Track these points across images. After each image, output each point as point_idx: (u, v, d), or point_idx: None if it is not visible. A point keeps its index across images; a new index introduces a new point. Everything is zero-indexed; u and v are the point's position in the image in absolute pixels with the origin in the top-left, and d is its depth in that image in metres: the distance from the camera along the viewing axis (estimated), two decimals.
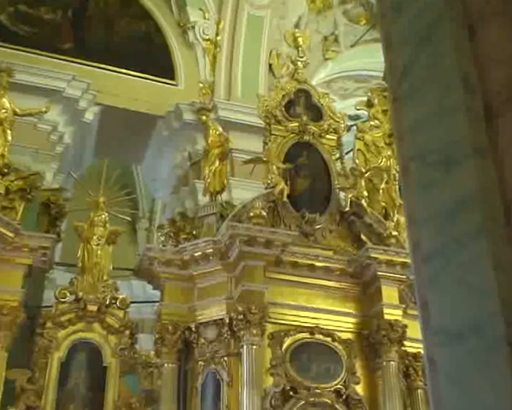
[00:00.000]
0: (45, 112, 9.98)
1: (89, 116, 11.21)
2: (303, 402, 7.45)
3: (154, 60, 12.18)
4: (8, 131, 8.83)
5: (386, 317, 7.90)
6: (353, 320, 8.14)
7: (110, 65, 11.67)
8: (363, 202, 8.67)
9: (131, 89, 11.56)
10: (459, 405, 2.06)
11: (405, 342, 8.01)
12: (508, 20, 2.18)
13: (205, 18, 12.46)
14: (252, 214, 7.94)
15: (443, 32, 2.26)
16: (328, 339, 7.93)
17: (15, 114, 9.03)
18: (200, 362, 7.78)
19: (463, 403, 2.04)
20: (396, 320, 7.92)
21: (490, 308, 1.97)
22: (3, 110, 8.89)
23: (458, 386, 2.06)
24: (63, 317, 8.12)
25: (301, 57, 9.72)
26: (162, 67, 12.15)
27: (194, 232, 8.46)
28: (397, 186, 9.10)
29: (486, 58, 2.18)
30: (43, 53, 11.17)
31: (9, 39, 10.95)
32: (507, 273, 1.98)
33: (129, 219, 14.63)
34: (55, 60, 11.18)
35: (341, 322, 8.09)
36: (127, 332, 8.25)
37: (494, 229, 2.03)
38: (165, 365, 7.86)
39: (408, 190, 2.40)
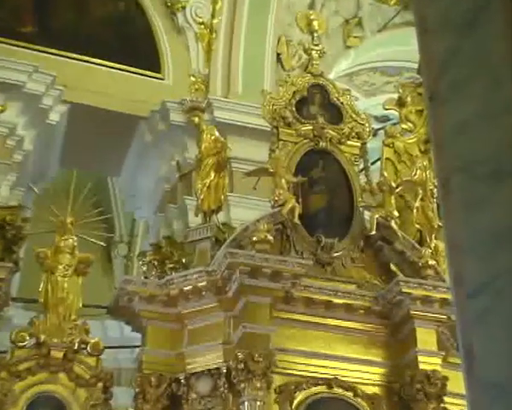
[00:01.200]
0: (1, 111, 10.03)
1: (54, 117, 11.25)
2: None
3: (135, 47, 12.24)
4: None
5: (422, 366, 7.89)
6: (380, 371, 8.14)
7: (80, 54, 11.72)
8: (394, 223, 8.67)
9: (107, 83, 11.61)
10: None
11: (446, 398, 7.99)
12: None
13: None
14: (255, 239, 7.94)
15: (492, 15, 2.26)
16: (350, 394, 7.92)
17: None
18: None
19: None
20: (434, 371, 7.90)
21: None
22: None
23: None
24: (21, 365, 8.11)
25: (316, 45, 9.75)
26: (145, 56, 12.21)
27: (183, 261, 8.46)
28: (435, 204, 9.10)
29: None
30: None
31: None
32: None
33: (103, 244, 14.63)
34: (12, 47, 11.23)
35: (366, 373, 8.09)
36: (100, 385, 8.23)
37: None
38: None
39: (449, 209, 2.40)
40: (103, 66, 11.79)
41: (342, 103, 9.36)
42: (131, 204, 13.98)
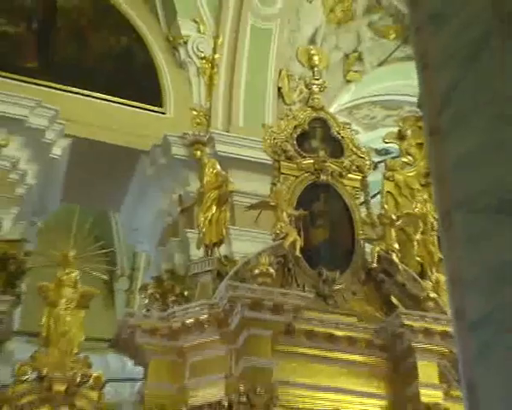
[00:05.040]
0: (3, 146, 10.06)
1: (57, 151, 11.27)
2: None
3: (137, 82, 12.29)
4: None
5: (424, 399, 7.85)
6: (382, 403, 8.10)
7: (83, 88, 11.76)
8: (395, 256, 8.67)
9: (109, 118, 11.65)
10: None
11: None
12: None
13: (200, 31, 12.58)
14: (257, 272, 7.94)
15: (493, 48, 2.28)
16: None
17: None
18: None
19: None
20: (436, 404, 7.87)
21: None
22: None
23: None
24: (23, 399, 8.08)
25: (317, 79, 9.80)
26: (147, 90, 12.25)
27: (185, 294, 8.45)
28: (435, 237, 9.11)
29: None
30: (1, 74, 11.28)
31: None
32: None
33: (105, 277, 14.63)
34: (15, 82, 11.28)
35: (368, 405, 8.06)
36: None
37: None
38: None
39: (450, 242, 2.40)
40: (105, 100, 11.84)
41: (343, 137, 9.40)
42: (133, 238, 13.98)
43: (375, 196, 9.85)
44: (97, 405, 8.26)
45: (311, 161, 9.07)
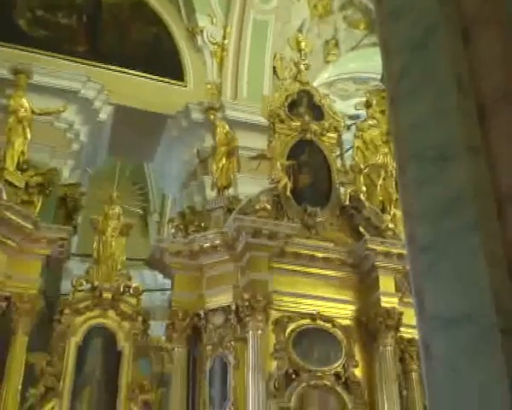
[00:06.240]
0: (62, 111, 10.01)
1: (103, 116, 11.20)
2: (305, 384, 7.48)
3: (165, 62, 12.17)
4: (28, 130, 8.87)
5: (383, 305, 7.92)
6: (352, 308, 8.15)
7: (122, 67, 11.65)
8: (362, 196, 8.68)
9: (143, 90, 11.55)
10: (452, 388, 2.07)
11: (401, 329, 8.03)
12: (500, 25, 2.18)
13: (212, 23, 12.43)
14: (257, 208, 7.96)
15: (438, 37, 2.26)
16: (329, 325, 7.94)
17: (34, 113, 9.07)
18: (208, 347, 7.80)
19: (456, 387, 2.05)
20: (392, 308, 7.93)
21: (482, 297, 1.98)
22: (23, 110, 8.93)
23: (452, 370, 2.07)
24: (80, 304, 8.14)
25: (303, 60, 9.71)
26: (172, 69, 12.13)
27: (202, 225, 8.47)
28: (394, 182, 9.11)
29: (480, 61, 2.19)
30: (59, 56, 11.16)
31: (28, 43, 10.94)
32: (498, 265, 1.99)
33: (141, 212, 14.63)
34: (70, 62, 11.17)
35: (341, 309, 8.10)
36: (140, 318, 8.27)
37: (487, 223, 2.03)
38: (176, 349, 7.89)
39: (404, 185, 2.41)
40: (140, 76, 11.73)
41: (323, 105, 9.34)
42: (162, 182, 13.97)
43: (347, 150, 9.82)
44: (136, 309, 8.33)
45: (299, 123, 9.02)
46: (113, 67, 11.58)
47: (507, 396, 1.87)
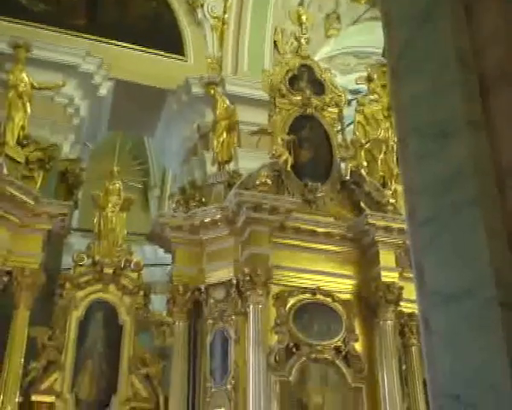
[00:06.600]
0: (62, 86, 9.97)
1: (103, 91, 11.16)
2: (305, 358, 7.53)
3: (165, 36, 12.09)
4: (28, 105, 8.84)
5: (384, 279, 7.94)
6: (352, 282, 8.17)
7: (123, 41, 11.59)
8: (363, 171, 8.66)
9: (143, 64, 11.50)
10: (452, 362, 2.08)
11: (401, 303, 8.05)
12: (503, 1, 2.16)
13: None
14: (258, 183, 7.95)
15: (441, 11, 2.25)
16: (329, 300, 7.97)
17: (33, 87, 9.02)
18: (209, 321, 7.84)
19: (456, 361, 2.06)
20: (392, 282, 7.95)
21: (482, 271, 1.98)
22: (22, 84, 8.88)
23: (451, 344, 2.08)
24: (81, 279, 8.18)
25: (304, 34, 9.64)
26: (172, 43, 12.06)
27: (203, 200, 8.46)
28: (394, 157, 9.09)
29: (482, 37, 2.17)
30: (58, 30, 11.10)
31: (27, 17, 10.86)
32: (498, 239, 2.00)
33: (141, 187, 14.62)
34: (70, 36, 11.11)
35: (341, 284, 8.12)
36: (141, 293, 8.31)
37: (487, 197, 2.04)
38: (177, 323, 7.93)
39: (405, 160, 2.41)
40: (140, 50, 11.67)
41: (324, 79, 9.29)
42: (163, 157, 13.95)
43: (348, 125, 9.78)
44: (137, 283, 8.36)
45: (300, 97, 8.98)
46: (113, 42, 11.52)
47: (507, 370, 1.88)
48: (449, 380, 2.08)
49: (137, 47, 11.64)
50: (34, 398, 7.48)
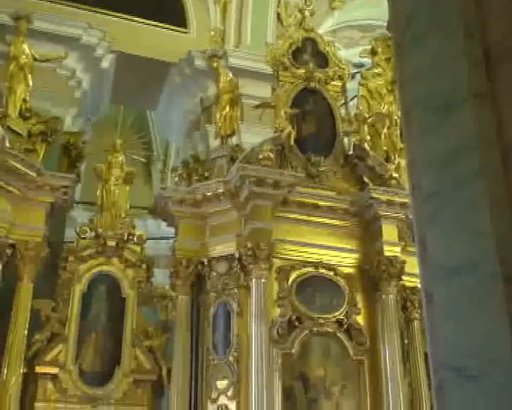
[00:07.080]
0: (64, 58, 9.93)
1: (105, 63, 11.12)
2: (307, 331, 7.56)
3: (168, 9, 12.02)
4: (29, 77, 8.80)
5: (386, 253, 7.94)
6: (355, 256, 8.18)
7: (125, 13, 11.52)
8: (366, 145, 8.63)
9: (145, 37, 11.45)
10: (454, 335, 2.08)
11: (403, 277, 8.06)
12: None
13: None
14: (261, 157, 7.93)
15: None
16: (331, 273, 7.98)
17: (35, 59, 8.98)
18: (211, 294, 7.87)
19: (458, 334, 2.06)
20: (395, 256, 7.95)
21: (485, 246, 1.98)
22: (24, 56, 8.84)
23: (453, 319, 2.09)
24: (84, 252, 8.21)
25: (308, 6, 9.56)
26: (175, 15, 11.99)
27: (205, 174, 8.45)
28: (398, 131, 9.06)
29: (488, 8, 2.15)
30: (60, 1, 11.04)
31: None
32: (502, 214, 1.99)
33: (144, 160, 14.60)
34: (72, 8, 11.04)
35: (344, 258, 8.12)
36: (144, 266, 8.34)
37: (491, 171, 2.03)
38: (180, 297, 7.95)
39: (409, 134, 2.40)
40: (143, 23, 11.61)
41: (328, 52, 9.22)
42: (166, 131, 13.91)
43: (352, 99, 9.73)
44: (140, 257, 8.39)
45: (303, 71, 8.92)
46: (115, 14, 11.45)
47: (508, 344, 1.88)
48: (450, 353, 2.08)
49: (140, 19, 11.58)
50: (38, 369, 7.56)
